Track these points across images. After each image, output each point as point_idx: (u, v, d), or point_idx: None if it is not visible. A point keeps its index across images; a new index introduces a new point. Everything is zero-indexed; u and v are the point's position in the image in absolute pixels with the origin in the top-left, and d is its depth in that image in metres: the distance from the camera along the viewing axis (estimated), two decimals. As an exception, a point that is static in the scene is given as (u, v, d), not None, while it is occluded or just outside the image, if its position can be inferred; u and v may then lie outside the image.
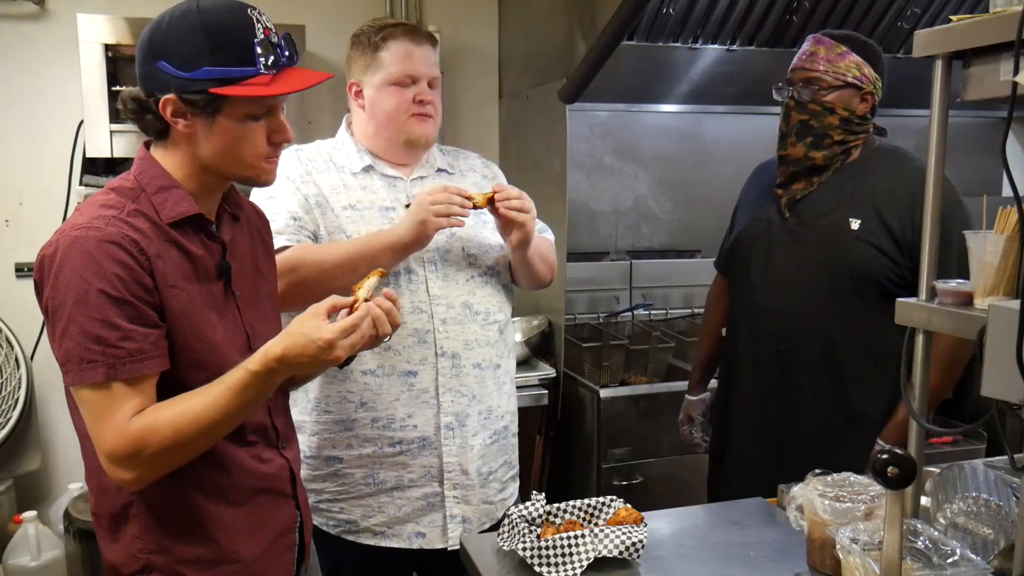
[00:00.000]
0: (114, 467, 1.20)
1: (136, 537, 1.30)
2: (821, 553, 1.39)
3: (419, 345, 1.73)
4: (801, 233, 1.93)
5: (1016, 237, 1.18)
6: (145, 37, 1.24)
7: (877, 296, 1.85)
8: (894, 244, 1.83)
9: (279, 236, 1.66)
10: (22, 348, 2.82)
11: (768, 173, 2.07)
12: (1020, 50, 1.07)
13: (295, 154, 1.81)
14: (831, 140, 1.88)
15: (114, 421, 1.18)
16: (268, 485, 1.40)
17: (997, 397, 1.10)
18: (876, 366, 1.88)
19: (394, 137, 1.79)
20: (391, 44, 1.76)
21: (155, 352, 1.21)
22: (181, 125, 1.24)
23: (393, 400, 1.73)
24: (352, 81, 1.82)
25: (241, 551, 1.35)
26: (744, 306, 2.06)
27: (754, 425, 2.02)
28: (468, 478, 1.79)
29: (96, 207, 1.24)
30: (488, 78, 3.43)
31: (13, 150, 2.92)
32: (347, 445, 1.74)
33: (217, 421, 1.22)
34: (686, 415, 2.35)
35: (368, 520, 1.76)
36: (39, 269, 1.22)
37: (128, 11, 2.79)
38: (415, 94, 1.77)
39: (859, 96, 1.87)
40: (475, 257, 1.82)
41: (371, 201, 1.77)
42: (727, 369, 2.13)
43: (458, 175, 1.90)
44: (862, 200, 1.87)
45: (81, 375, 1.17)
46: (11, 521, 2.77)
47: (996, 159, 3.36)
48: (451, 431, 1.76)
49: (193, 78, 1.20)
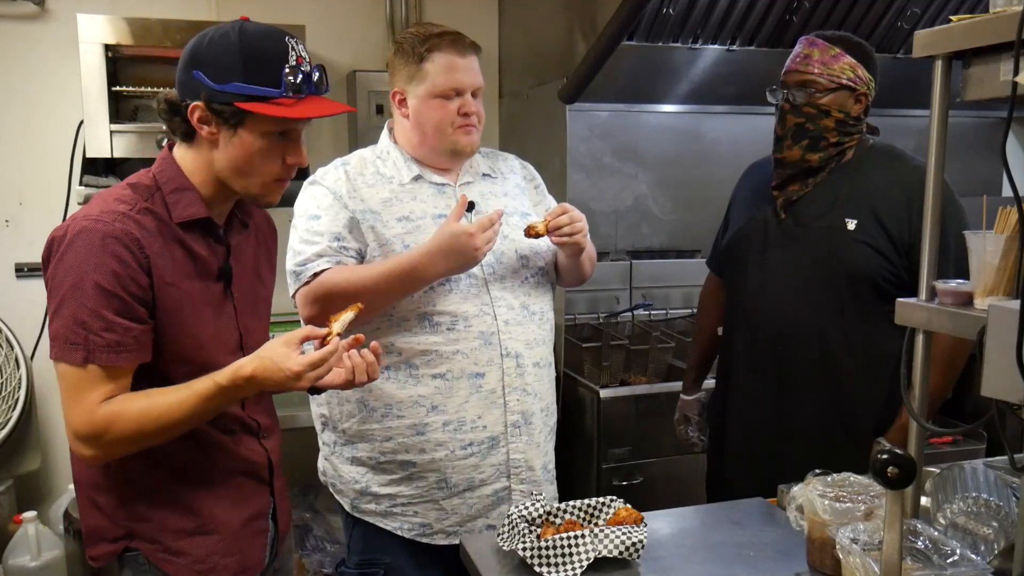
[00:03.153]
0: (77, 442, 1.30)
1: (117, 506, 1.39)
2: (821, 553, 1.39)
3: (485, 347, 1.76)
4: (797, 234, 1.93)
5: (1016, 237, 1.18)
6: (189, 47, 1.35)
7: (874, 297, 1.85)
8: (890, 244, 1.83)
9: (320, 259, 1.70)
10: (22, 348, 2.82)
11: (761, 173, 2.07)
12: (1020, 50, 1.07)
13: (341, 168, 1.81)
14: (827, 142, 1.88)
15: (84, 402, 1.27)
16: (246, 468, 1.49)
17: (997, 397, 1.10)
18: (873, 367, 1.88)
19: (439, 147, 1.80)
20: (436, 56, 1.75)
21: (134, 346, 1.29)
22: (205, 131, 1.34)
23: (463, 403, 1.76)
24: (396, 90, 1.81)
25: (220, 523, 1.44)
26: (740, 306, 2.05)
27: (751, 425, 2.02)
28: (535, 473, 1.84)
29: (110, 200, 1.33)
30: (488, 78, 3.39)
31: (13, 150, 2.92)
32: (420, 450, 1.76)
33: (178, 421, 1.31)
34: (682, 415, 2.35)
35: (442, 522, 1.80)
36: (47, 248, 1.32)
37: (128, 11, 2.80)
38: (460, 106, 1.76)
39: (853, 97, 1.86)
40: (527, 259, 1.85)
41: (423, 211, 1.78)
42: (724, 369, 2.13)
43: (500, 179, 1.93)
44: (858, 200, 1.87)
45: (63, 353, 1.27)
46: (11, 521, 2.77)
47: (996, 159, 3.36)
48: (517, 429, 1.80)
49: (222, 90, 1.30)
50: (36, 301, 2.93)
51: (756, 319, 1.99)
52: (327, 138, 3.19)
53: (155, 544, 1.39)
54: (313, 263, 1.70)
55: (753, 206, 2.04)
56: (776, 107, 1.93)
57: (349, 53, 3.19)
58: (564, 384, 2.93)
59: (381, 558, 1.82)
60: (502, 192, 1.90)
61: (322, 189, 1.77)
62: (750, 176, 2.17)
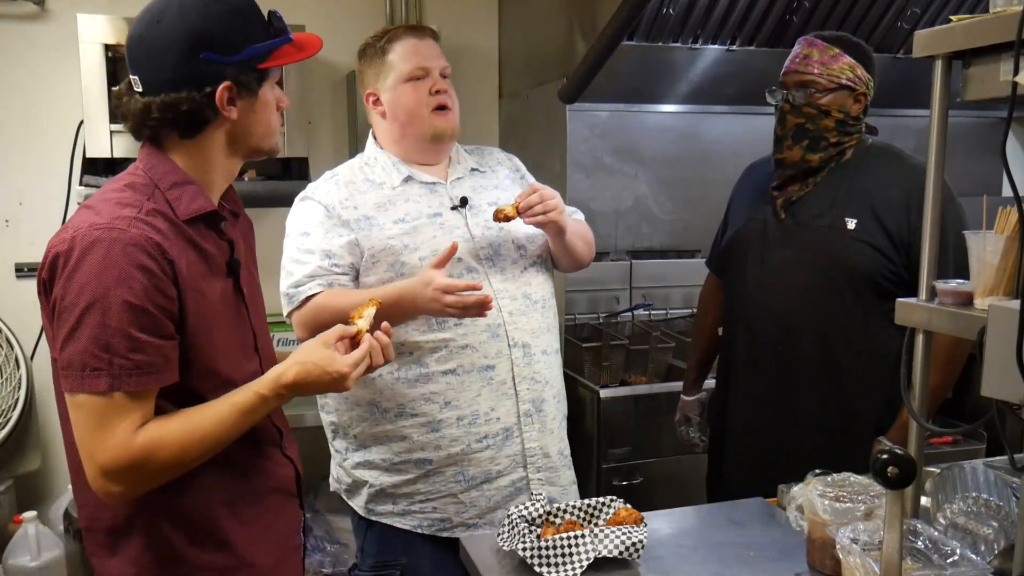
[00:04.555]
0: (105, 481, 1.15)
1: (143, 549, 1.25)
2: (821, 553, 1.39)
3: (493, 339, 1.77)
4: (798, 234, 1.93)
5: (1016, 237, 1.18)
6: (167, 38, 1.21)
7: (874, 295, 1.86)
8: (890, 243, 1.84)
9: (311, 281, 1.69)
10: (22, 348, 2.82)
11: (760, 173, 2.08)
12: (1020, 50, 1.07)
13: (331, 180, 1.82)
14: (827, 142, 1.88)
15: (114, 434, 1.14)
16: (277, 485, 1.40)
17: (997, 397, 1.10)
18: (873, 365, 1.88)
19: (420, 135, 1.81)
20: (396, 45, 1.80)
21: (164, 366, 1.18)
22: (232, 112, 1.26)
23: (475, 396, 1.77)
24: (368, 92, 1.84)
25: (256, 555, 1.34)
26: (741, 307, 2.06)
27: (753, 425, 2.02)
28: (551, 460, 1.85)
29: (113, 204, 1.20)
30: (488, 78, 3.43)
31: (13, 150, 2.92)
32: (435, 446, 1.77)
33: (220, 441, 1.22)
34: (683, 415, 2.35)
35: (462, 515, 1.80)
36: (50, 267, 1.17)
37: (128, 11, 2.78)
38: (430, 86, 1.79)
39: (853, 97, 1.87)
40: (524, 248, 1.87)
41: (418, 211, 1.79)
42: (725, 369, 2.13)
43: (489, 172, 1.95)
44: (857, 200, 1.87)
45: (83, 382, 1.13)
46: (11, 521, 2.76)
47: (996, 159, 3.36)
48: (530, 417, 1.81)
49: (244, 59, 1.24)
50: (36, 301, 2.89)
51: (757, 319, 1.99)
52: (327, 138, 3.18)
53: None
54: (305, 286, 1.70)
55: (753, 206, 2.05)
56: (775, 108, 1.93)
57: (349, 53, 3.17)
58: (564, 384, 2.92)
59: (397, 558, 1.82)
60: (493, 185, 1.92)
61: (313, 204, 1.78)
62: (749, 176, 2.17)
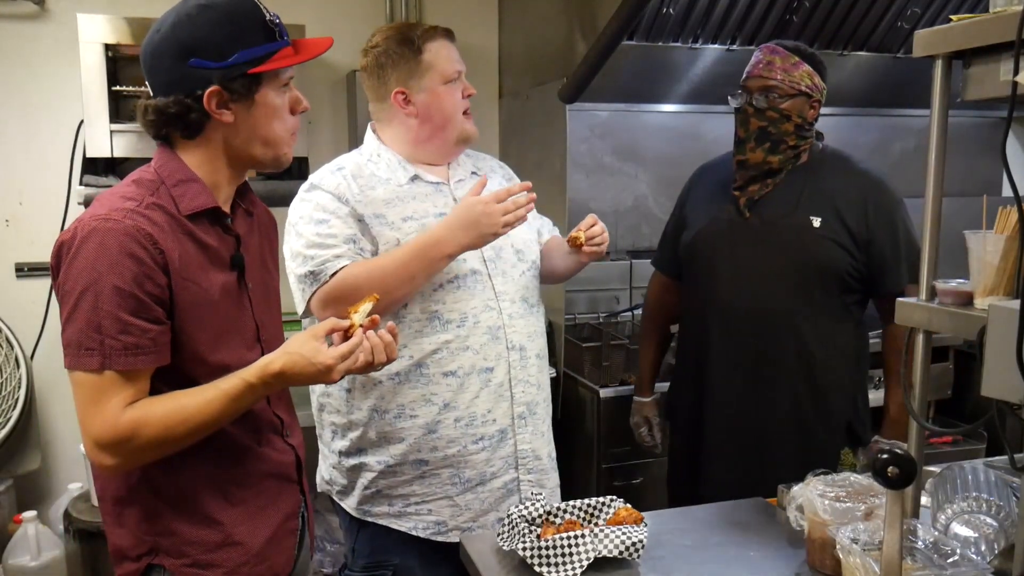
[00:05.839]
0: (98, 452, 1.24)
1: (141, 520, 1.34)
2: (821, 553, 1.39)
3: (493, 342, 1.78)
4: (765, 232, 2.00)
5: (1016, 237, 1.18)
6: (162, 45, 1.29)
7: (839, 291, 1.96)
8: (852, 240, 1.94)
9: (339, 259, 1.69)
10: (22, 348, 2.82)
11: (715, 174, 2.15)
12: (1020, 50, 1.08)
13: (339, 174, 1.79)
14: (786, 145, 1.97)
15: (104, 409, 1.22)
16: (274, 470, 1.45)
17: (997, 397, 1.10)
18: (841, 356, 1.99)
19: (451, 138, 1.83)
20: (432, 45, 1.79)
21: (152, 348, 1.25)
22: (225, 116, 1.30)
23: (474, 398, 1.77)
24: (398, 89, 1.79)
25: (245, 534, 1.39)
26: (711, 305, 2.07)
27: (732, 421, 2.04)
28: (541, 462, 1.87)
29: (116, 198, 1.28)
30: (488, 78, 3.43)
31: (13, 150, 2.92)
32: (432, 448, 1.77)
33: (206, 423, 1.27)
34: (641, 418, 2.36)
35: (457, 519, 1.80)
36: (56, 255, 1.26)
37: (128, 11, 2.79)
38: (462, 89, 1.83)
39: (809, 104, 1.97)
40: (522, 253, 1.89)
41: (425, 210, 1.79)
42: (697, 369, 2.11)
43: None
44: (819, 200, 1.96)
45: (78, 360, 1.22)
46: (11, 521, 2.77)
47: (996, 159, 3.36)
48: (523, 420, 1.82)
49: (232, 64, 1.27)
50: (36, 301, 2.93)
51: (731, 316, 2.03)
52: (327, 138, 3.18)
53: (182, 559, 1.34)
54: (332, 262, 1.68)
55: (713, 206, 2.10)
56: (737, 110, 2.01)
57: (349, 53, 3.18)
58: (564, 384, 2.93)
59: (389, 559, 1.82)
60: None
61: (325, 194, 1.75)
62: (703, 178, 2.23)
